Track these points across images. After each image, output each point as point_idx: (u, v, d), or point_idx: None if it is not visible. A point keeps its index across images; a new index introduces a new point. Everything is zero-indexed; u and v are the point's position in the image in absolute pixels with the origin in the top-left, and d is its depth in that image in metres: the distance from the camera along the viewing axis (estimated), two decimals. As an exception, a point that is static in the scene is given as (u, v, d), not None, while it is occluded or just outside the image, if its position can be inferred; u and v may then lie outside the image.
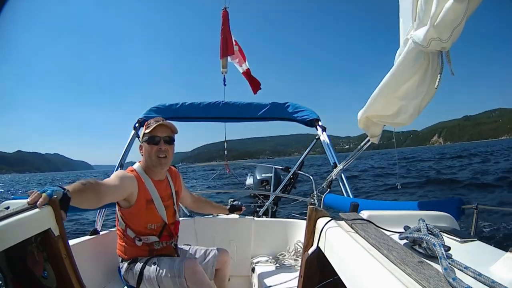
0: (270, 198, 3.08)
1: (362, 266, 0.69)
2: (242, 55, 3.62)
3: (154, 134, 1.64)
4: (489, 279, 0.62)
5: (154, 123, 1.65)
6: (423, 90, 1.04)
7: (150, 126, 1.64)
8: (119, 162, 2.42)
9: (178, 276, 1.52)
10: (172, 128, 1.70)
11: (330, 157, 2.42)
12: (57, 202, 1.10)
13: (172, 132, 1.70)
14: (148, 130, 1.64)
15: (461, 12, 0.80)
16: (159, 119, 1.69)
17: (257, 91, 3.60)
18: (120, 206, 1.60)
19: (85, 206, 1.29)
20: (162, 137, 1.65)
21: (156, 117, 1.74)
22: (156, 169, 1.68)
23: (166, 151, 1.65)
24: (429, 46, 0.91)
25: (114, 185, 1.44)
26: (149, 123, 1.68)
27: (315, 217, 1.04)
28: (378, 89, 1.16)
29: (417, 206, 1.39)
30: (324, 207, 1.87)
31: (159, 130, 1.64)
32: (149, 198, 1.63)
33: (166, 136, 1.66)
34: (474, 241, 0.93)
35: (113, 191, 1.44)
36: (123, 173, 1.60)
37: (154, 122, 1.65)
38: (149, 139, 1.64)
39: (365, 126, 1.39)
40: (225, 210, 2.30)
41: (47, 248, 1.14)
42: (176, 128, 1.72)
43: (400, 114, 1.17)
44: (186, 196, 2.05)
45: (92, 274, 1.79)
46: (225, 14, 3.41)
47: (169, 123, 1.69)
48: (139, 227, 1.62)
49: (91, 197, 1.28)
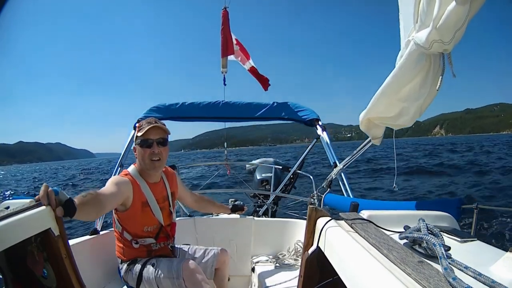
0: (270, 198, 3.08)
1: (362, 266, 0.69)
2: (245, 54, 3.59)
3: (146, 137, 1.61)
4: (489, 279, 0.62)
5: (146, 125, 1.62)
6: (425, 91, 1.04)
7: (143, 128, 1.61)
8: (119, 162, 2.42)
9: (176, 277, 1.53)
10: (165, 129, 1.67)
11: (330, 157, 2.42)
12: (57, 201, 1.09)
13: (165, 133, 1.68)
14: (140, 133, 1.61)
15: (463, 14, 0.80)
16: (151, 121, 1.66)
17: (268, 87, 3.53)
18: (117, 209, 1.59)
19: (89, 218, 1.28)
20: (155, 139, 1.62)
21: (149, 118, 1.70)
22: (150, 172, 1.66)
23: (159, 154, 1.63)
24: (431, 48, 0.91)
25: (111, 193, 1.43)
26: (141, 125, 1.65)
27: (315, 217, 1.05)
28: (380, 91, 1.16)
29: (417, 206, 1.39)
30: (324, 207, 1.87)
31: (152, 133, 1.62)
32: (144, 201, 1.62)
33: (159, 138, 1.64)
34: (474, 241, 0.93)
35: (112, 200, 1.43)
36: (117, 178, 1.58)
37: (147, 125, 1.62)
38: (141, 142, 1.62)
39: (367, 128, 1.39)
40: (227, 210, 2.28)
41: (47, 248, 1.14)
42: (168, 129, 1.69)
43: (402, 115, 1.17)
44: (186, 196, 2.04)
45: (92, 274, 1.79)
46: (225, 14, 3.41)
47: (161, 125, 1.66)
48: (136, 229, 1.62)
49: (94, 209, 1.27)
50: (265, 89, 3.56)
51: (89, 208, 1.22)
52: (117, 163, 2.42)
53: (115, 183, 1.51)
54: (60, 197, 1.09)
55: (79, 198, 1.19)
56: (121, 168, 2.37)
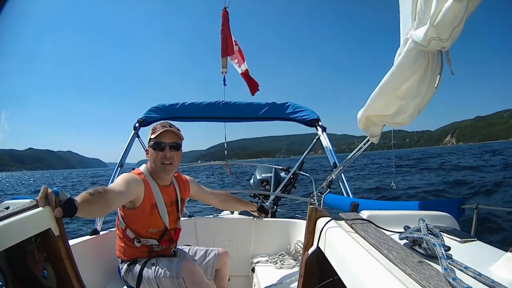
0: (270, 198, 3.08)
1: (362, 266, 0.69)
2: (241, 56, 3.62)
3: (159, 140, 1.62)
4: (489, 279, 0.62)
5: (160, 128, 1.63)
6: (423, 89, 1.04)
7: (156, 131, 1.62)
8: (119, 162, 2.42)
9: (176, 277, 1.53)
10: (179, 134, 1.67)
11: (330, 157, 2.42)
12: (57, 201, 1.09)
13: (179, 137, 1.68)
14: (154, 135, 1.62)
15: (460, 12, 0.80)
16: (166, 124, 1.66)
17: (255, 92, 3.60)
18: (124, 206, 1.59)
19: (94, 216, 1.27)
20: (167, 143, 1.62)
21: (163, 122, 1.71)
22: (161, 175, 1.66)
23: (171, 158, 1.63)
24: (429, 45, 0.91)
25: (121, 191, 1.42)
26: (155, 128, 1.65)
27: (315, 217, 1.05)
28: (378, 89, 1.16)
29: (417, 206, 1.39)
30: (324, 207, 1.87)
31: (165, 136, 1.62)
32: (153, 202, 1.62)
33: (172, 142, 1.64)
34: (474, 241, 0.93)
35: (121, 197, 1.42)
36: (130, 176, 1.57)
37: (161, 128, 1.63)
38: (154, 145, 1.62)
39: (365, 126, 1.39)
40: (254, 207, 2.25)
41: (47, 248, 1.14)
42: (182, 135, 1.70)
43: (400, 113, 1.17)
44: (210, 198, 2.04)
45: (92, 274, 1.78)
46: (225, 14, 3.41)
47: (176, 129, 1.66)
48: (140, 229, 1.62)
49: (99, 207, 1.25)
50: (252, 94, 3.62)
51: (93, 207, 1.21)
52: (117, 163, 2.42)
53: (127, 181, 1.50)
54: (60, 198, 1.09)
55: (84, 195, 1.18)
56: (121, 168, 2.37)
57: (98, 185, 1.39)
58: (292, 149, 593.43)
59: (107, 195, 1.30)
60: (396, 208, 1.42)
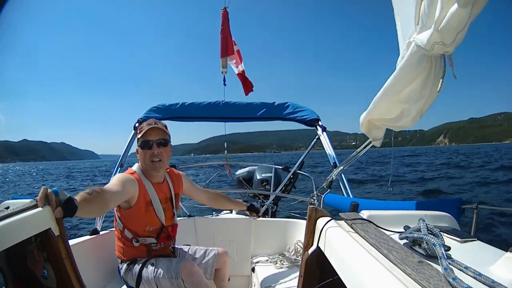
0: (270, 198, 3.08)
1: (362, 266, 0.69)
2: (239, 56, 3.65)
3: (146, 139, 1.63)
4: (489, 279, 0.62)
5: (146, 126, 1.64)
6: (426, 93, 1.04)
7: (142, 130, 1.63)
8: (119, 162, 2.42)
9: (175, 277, 1.53)
10: (164, 130, 1.68)
11: (330, 157, 2.42)
12: (57, 201, 1.09)
13: (165, 133, 1.68)
14: (140, 134, 1.63)
15: (465, 16, 0.80)
16: (151, 122, 1.67)
17: (249, 92, 3.64)
18: (119, 206, 1.60)
19: (92, 215, 1.28)
20: (154, 140, 1.63)
21: (149, 120, 1.71)
22: (152, 173, 1.67)
23: (159, 155, 1.63)
24: (432, 49, 0.91)
25: (117, 190, 1.44)
26: (141, 127, 1.66)
27: (315, 217, 1.05)
28: (380, 92, 1.16)
29: (417, 206, 1.39)
30: (324, 207, 1.87)
31: (151, 134, 1.63)
32: (148, 200, 1.63)
33: (158, 139, 1.64)
34: (474, 241, 0.93)
35: (118, 196, 1.44)
36: (124, 176, 1.59)
37: (146, 126, 1.64)
38: (142, 144, 1.64)
39: (367, 129, 1.39)
40: (244, 206, 2.24)
41: (47, 248, 1.14)
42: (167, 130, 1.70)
43: (403, 117, 1.18)
44: (199, 194, 2.04)
45: (92, 274, 1.79)
46: (225, 14, 3.41)
47: (161, 125, 1.67)
48: (137, 228, 1.63)
49: (98, 206, 1.27)
50: (246, 94, 3.65)
51: (92, 206, 1.22)
52: (117, 163, 2.42)
53: (122, 181, 1.51)
54: (60, 197, 1.09)
55: (82, 195, 1.19)
56: (121, 168, 2.37)
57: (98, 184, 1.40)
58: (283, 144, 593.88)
59: (105, 194, 1.32)
60: (396, 208, 1.42)
